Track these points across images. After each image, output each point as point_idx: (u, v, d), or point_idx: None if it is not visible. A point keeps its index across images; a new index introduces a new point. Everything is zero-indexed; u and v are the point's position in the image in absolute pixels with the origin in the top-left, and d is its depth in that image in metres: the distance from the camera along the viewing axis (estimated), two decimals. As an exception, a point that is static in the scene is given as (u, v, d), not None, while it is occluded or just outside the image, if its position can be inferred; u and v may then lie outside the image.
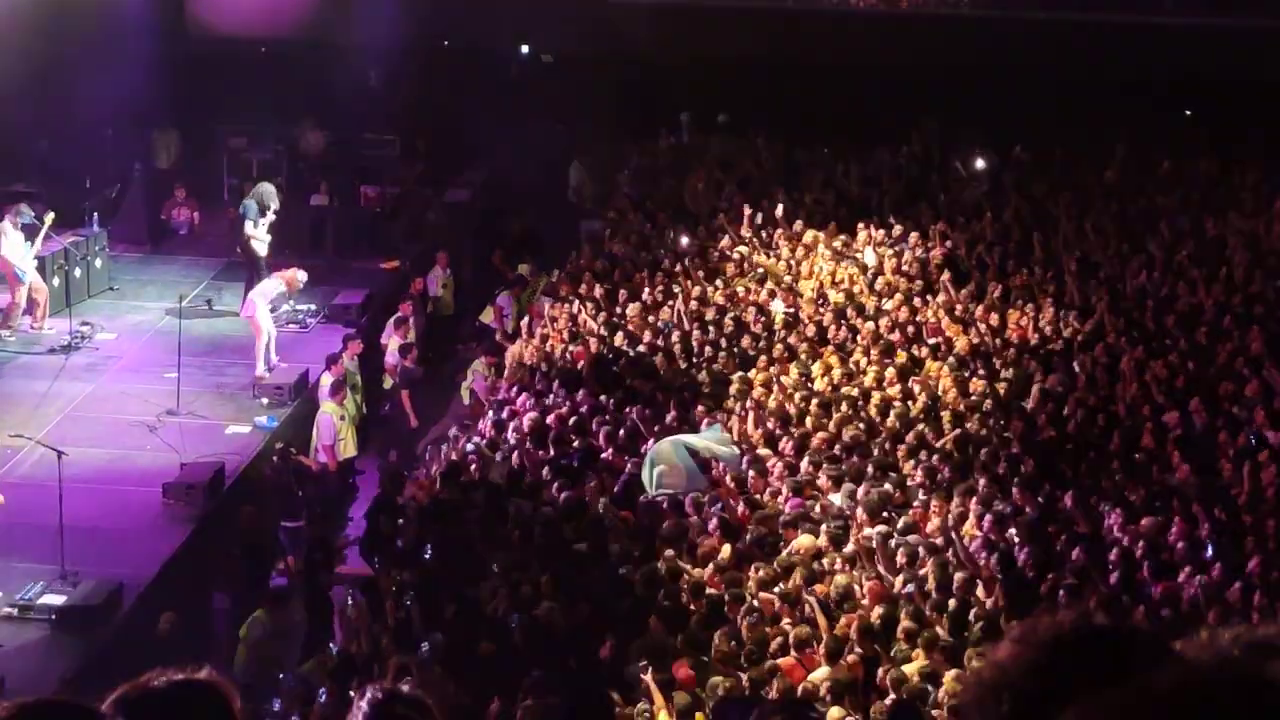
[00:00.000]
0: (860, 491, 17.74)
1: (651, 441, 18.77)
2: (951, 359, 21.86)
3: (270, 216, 26.76)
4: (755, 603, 15.33)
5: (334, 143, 33.04)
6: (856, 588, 15.74)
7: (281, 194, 27.68)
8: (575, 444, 19.69)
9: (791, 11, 32.31)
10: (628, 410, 20.28)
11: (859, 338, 22.56)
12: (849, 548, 16.54)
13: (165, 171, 31.17)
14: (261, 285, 24.71)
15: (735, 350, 22.23)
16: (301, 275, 25.09)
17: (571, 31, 32.20)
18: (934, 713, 13.33)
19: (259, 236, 26.53)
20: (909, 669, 14.00)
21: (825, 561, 16.46)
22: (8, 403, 22.64)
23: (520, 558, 16.96)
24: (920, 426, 19.73)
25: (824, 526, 16.95)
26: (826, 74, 31.07)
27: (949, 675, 13.65)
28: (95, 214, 28.25)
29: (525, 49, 33.30)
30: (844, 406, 20.24)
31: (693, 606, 15.52)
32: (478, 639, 15.48)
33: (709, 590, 15.78)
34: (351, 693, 14.29)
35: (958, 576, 15.74)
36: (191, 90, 29.98)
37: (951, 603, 15.28)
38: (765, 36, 31.68)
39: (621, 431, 19.70)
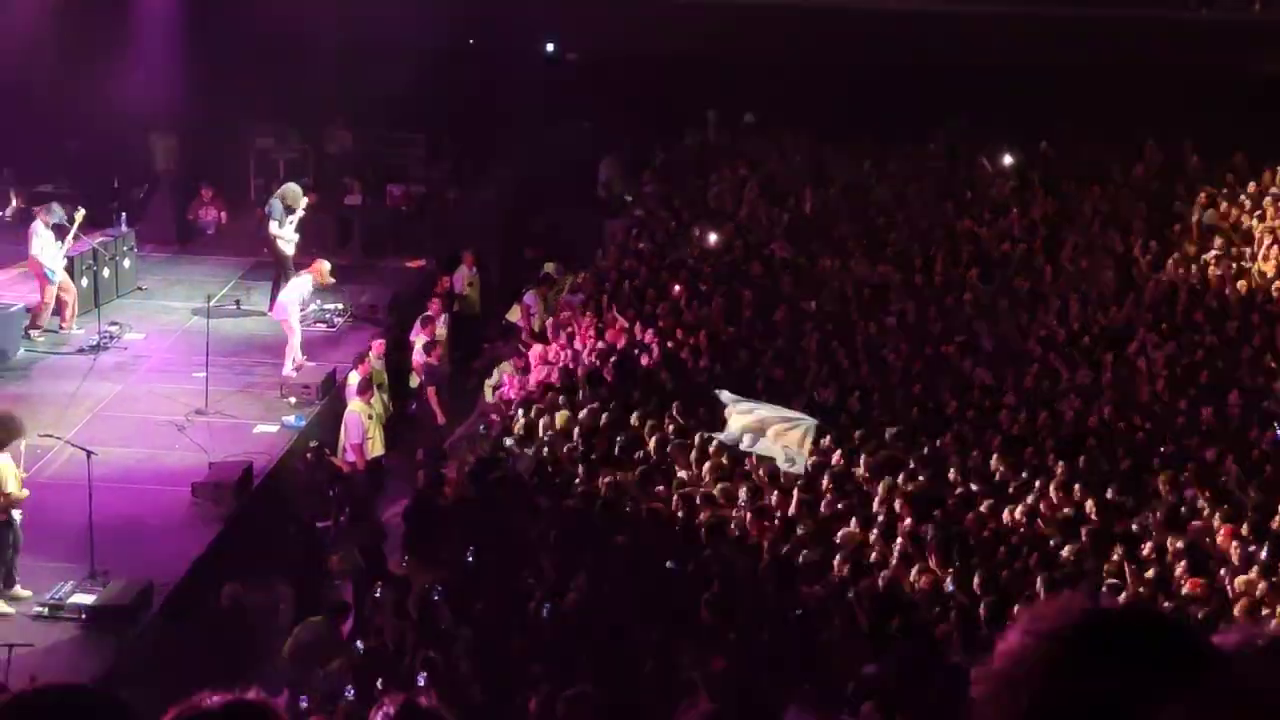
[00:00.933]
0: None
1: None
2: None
3: (296, 217, 26.77)
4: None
5: (361, 142, 33.11)
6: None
7: (309, 194, 27.70)
8: (610, 438, 19.76)
9: (819, 9, 32.20)
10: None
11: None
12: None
13: (191, 172, 31.17)
14: (291, 285, 24.69)
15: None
16: (326, 265, 25.11)
17: (598, 29, 32.20)
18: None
19: (285, 236, 26.55)
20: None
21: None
22: (37, 403, 22.69)
23: (552, 552, 16.99)
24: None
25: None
26: (853, 71, 31.02)
27: None
28: (123, 214, 28.32)
29: (551, 47, 33.29)
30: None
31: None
32: (509, 634, 15.50)
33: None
34: (378, 687, 14.36)
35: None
36: (218, 89, 29.98)
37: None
38: (792, 35, 31.60)
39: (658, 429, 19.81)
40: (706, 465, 18.87)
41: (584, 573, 16.22)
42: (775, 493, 18.10)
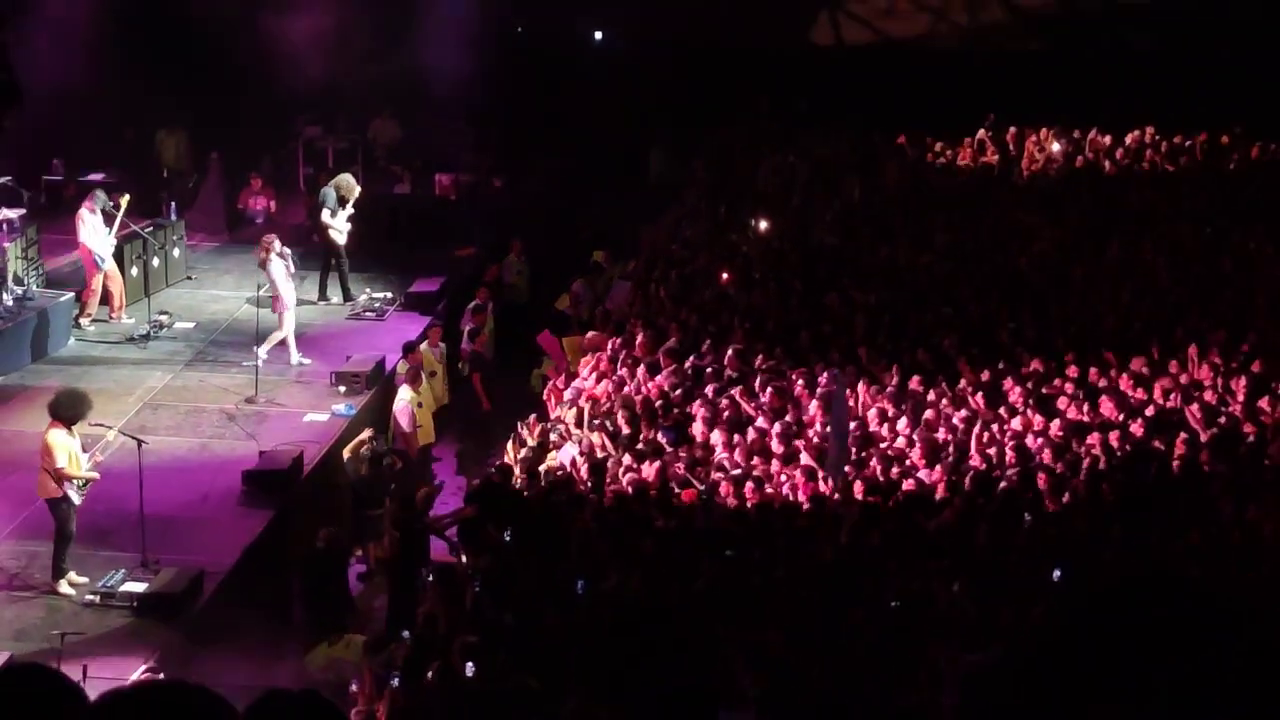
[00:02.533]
0: None
1: None
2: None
3: (350, 209, 26.80)
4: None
5: (408, 131, 33.15)
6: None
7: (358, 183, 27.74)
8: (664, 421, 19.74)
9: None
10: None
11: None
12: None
13: (241, 161, 31.16)
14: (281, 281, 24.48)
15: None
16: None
17: (647, 17, 32.15)
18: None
19: (336, 226, 26.58)
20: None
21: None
22: (88, 391, 22.70)
23: (598, 540, 16.97)
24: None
25: None
26: (906, 59, 30.95)
27: None
28: (173, 203, 28.40)
29: (600, 35, 33.23)
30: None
31: None
32: (550, 619, 15.48)
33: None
34: (428, 676, 14.35)
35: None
36: (270, 79, 30.01)
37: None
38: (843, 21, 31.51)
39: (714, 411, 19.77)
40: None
41: (623, 558, 16.22)
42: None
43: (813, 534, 16.82)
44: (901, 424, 19.60)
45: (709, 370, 21.29)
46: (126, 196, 25.83)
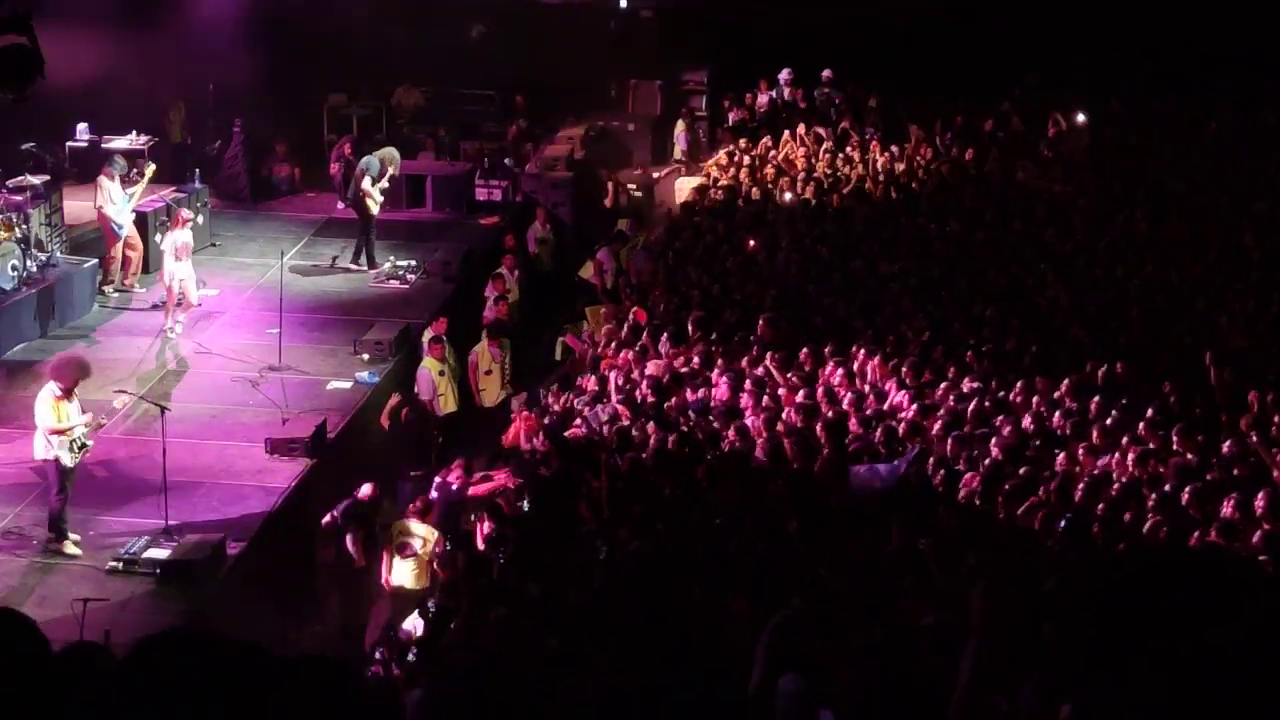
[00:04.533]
0: None
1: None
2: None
3: (386, 182, 26.82)
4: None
5: (433, 99, 33.10)
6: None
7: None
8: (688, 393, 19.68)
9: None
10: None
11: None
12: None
13: (265, 129, 31.08)
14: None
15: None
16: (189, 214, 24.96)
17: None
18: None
19: (374, 195, 26.59)
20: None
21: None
22: (111, 359, 22.79)
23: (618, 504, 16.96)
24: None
25: None
26: (927, 27, 30.80)
27: None
28: (197, 170, 28.39)
29: (624, 3, 33.11)
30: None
31: None
32: (574, 587, 15.48)
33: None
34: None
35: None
36: (290, 47, 29.93)
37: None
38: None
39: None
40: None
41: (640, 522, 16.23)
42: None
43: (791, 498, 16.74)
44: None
45: (736, 339, 21.23)
46: (152, 166, 25.83)
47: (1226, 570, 2.83)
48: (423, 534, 18.03)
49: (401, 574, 17.94)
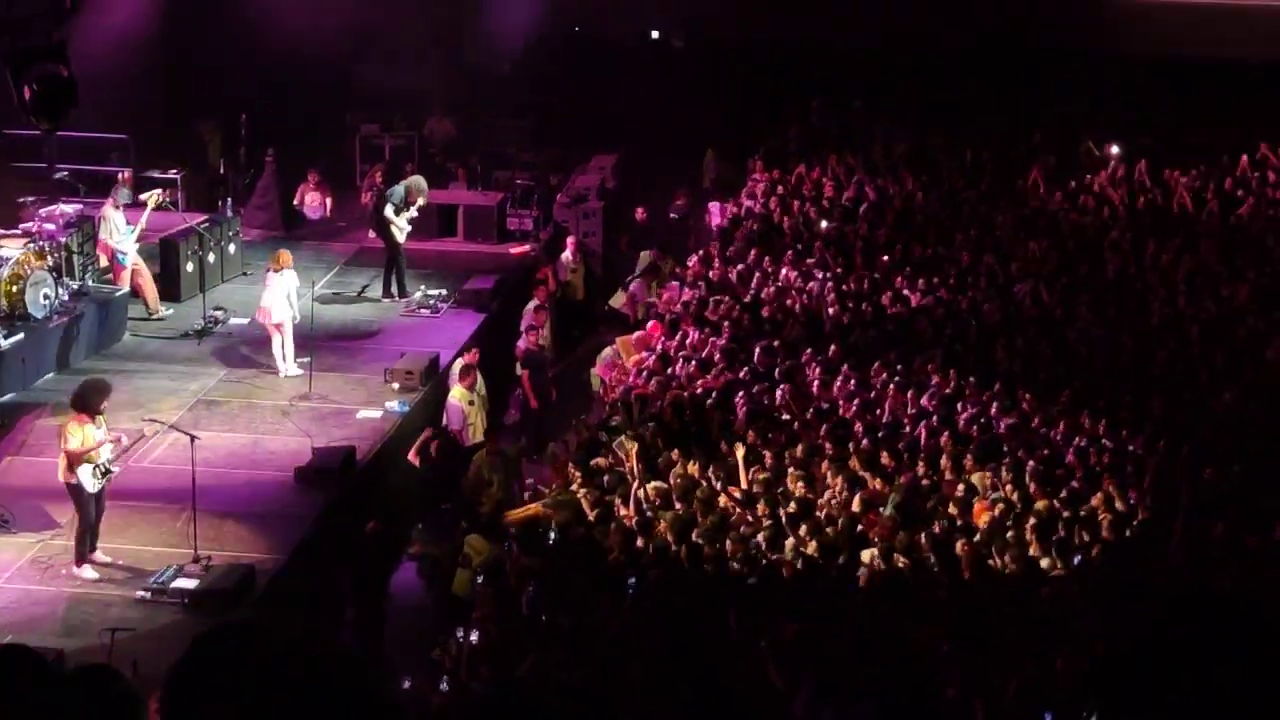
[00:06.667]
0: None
1: None
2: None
3: (413, 211, 26.83)
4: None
5: (466, 128, 33.14)
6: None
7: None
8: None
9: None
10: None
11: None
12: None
13: (298, 158, 31.12)
14: (273, 284, 23.92)
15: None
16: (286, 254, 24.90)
17: (705, 15, 32.04)
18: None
19: (399, 224, 26.59)
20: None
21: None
22: (141, 388, 22.84)
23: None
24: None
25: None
26: (958, 59, 30.78)
27: None
28: (229, 199, 28.45)
29: (656, 34, 33.12)
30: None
31: None
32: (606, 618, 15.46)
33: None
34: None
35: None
36: (323, 75, 29.97)
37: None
38: (897, 21, 31.25)
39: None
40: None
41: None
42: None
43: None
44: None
45: (762, 369, 21.24)
46: (156, 193, 25.82)
47: (1236, 612, 2.79)
48: (479, 547, 18.05)
49: (459, 583, 18.01)
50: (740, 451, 18.44)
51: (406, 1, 30.71)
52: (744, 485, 17.98)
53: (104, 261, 25.40)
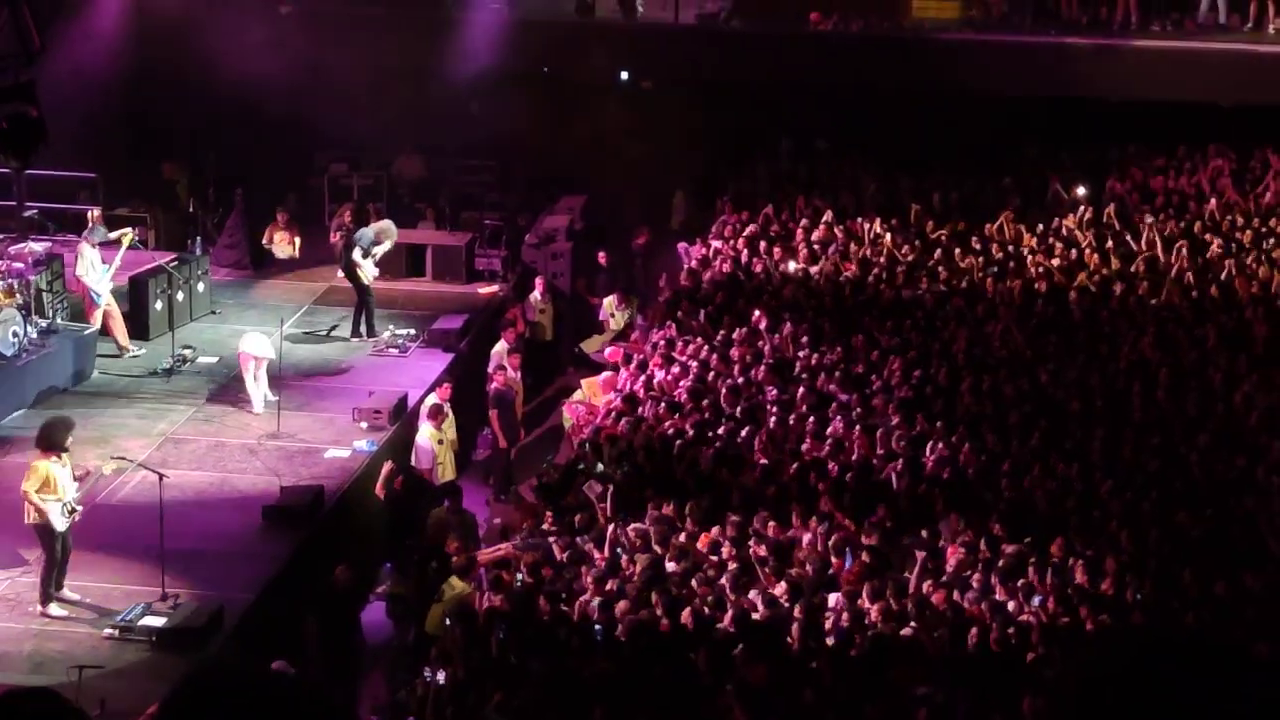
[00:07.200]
0: None
1: None
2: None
3: (382, 251, 26.88)
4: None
5: (433, 169, 33.20)
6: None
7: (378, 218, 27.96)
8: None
9: (894, 39, 31.99)
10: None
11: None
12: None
13: (265, 198, 31.10)
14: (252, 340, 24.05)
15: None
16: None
17: (671, 58, 32.14)
18: None
19: (365, 267, 26.61)
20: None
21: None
22: (109, 425, 22.82)
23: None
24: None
25: None
26: (927, 101, 30.93)
27: None
28: (198, 238, 28.46)
29: (625, 76, 33.22)
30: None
31: None
32: (576, 661, 15.47)
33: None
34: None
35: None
36: (289, 117, 30.01)
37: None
38: (869, 63, 31.38)
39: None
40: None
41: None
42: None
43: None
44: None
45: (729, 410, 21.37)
46: (129, 232, 25.86)
47: (1216, 655, 2.86)
48: (457, 588, 18.05)
49: (430, 620, 18.01)
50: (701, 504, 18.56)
51: (370, 41, 30.71)
52: (713, 533, 18.02)
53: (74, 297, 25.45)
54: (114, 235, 25.75)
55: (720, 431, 20.73)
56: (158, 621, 17.67)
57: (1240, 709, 3.56)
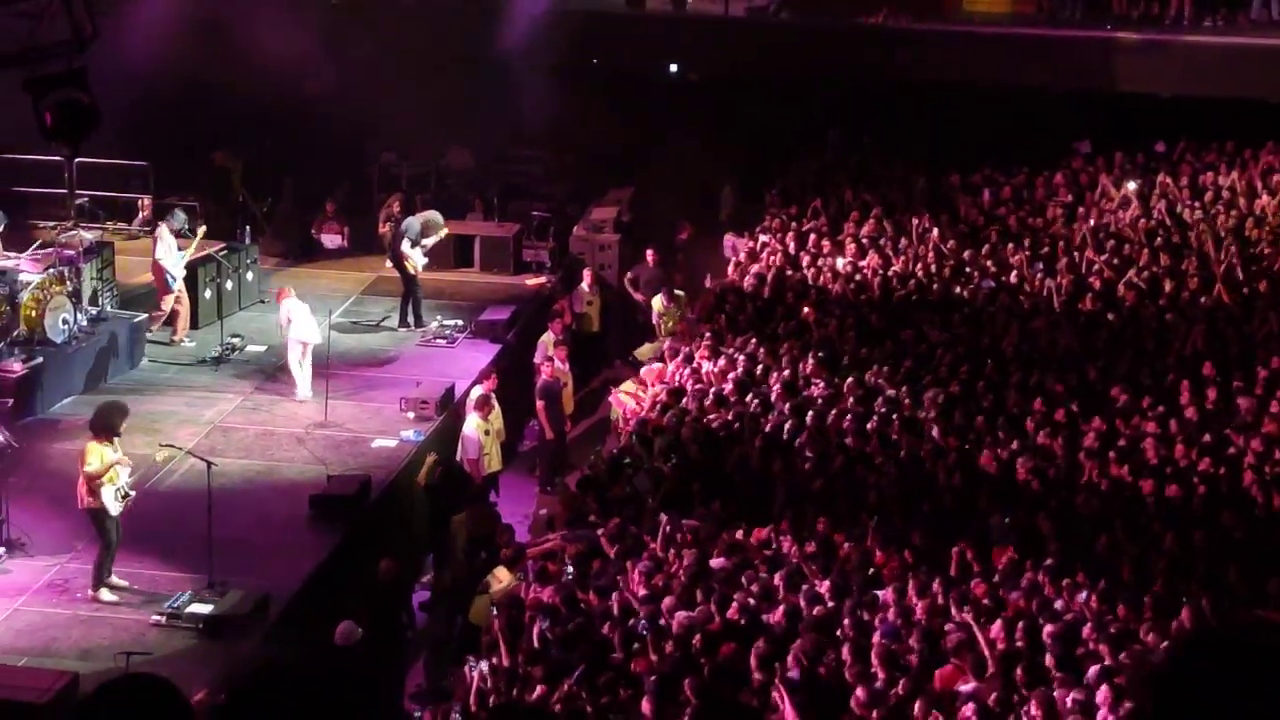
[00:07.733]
0: None
1: None
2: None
3: (431, 243, 26.92)
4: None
5: (482, 160, 33.20)
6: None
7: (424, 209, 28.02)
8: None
9: (943, 33, 31.87)
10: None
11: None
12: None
13: (315, 187, 31.15)
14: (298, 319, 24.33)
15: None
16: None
17: (720, 51, 32.11)
18: None
19: (413, 258, 26.65)
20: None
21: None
22: (159, 413, 22.92)
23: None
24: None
25: None
26: (974, 95, 30.80)
27: None
28: (247, 227, 28.55)
29: (674, 68, 33.18)
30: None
31: None
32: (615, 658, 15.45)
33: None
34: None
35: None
36: (344, 107, 30.06)
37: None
38: (918, 57, 31.27)
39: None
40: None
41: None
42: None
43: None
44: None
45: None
46: (203, 228, 26.06)
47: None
48: (503, 579, 18.07)
49: (475, 611, 18.09)
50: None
51: (419, 31, 30.75)
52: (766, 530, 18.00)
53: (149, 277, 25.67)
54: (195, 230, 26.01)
55: (768, 426, 20.67)
56: (205, 609, 17.75)
57: None
